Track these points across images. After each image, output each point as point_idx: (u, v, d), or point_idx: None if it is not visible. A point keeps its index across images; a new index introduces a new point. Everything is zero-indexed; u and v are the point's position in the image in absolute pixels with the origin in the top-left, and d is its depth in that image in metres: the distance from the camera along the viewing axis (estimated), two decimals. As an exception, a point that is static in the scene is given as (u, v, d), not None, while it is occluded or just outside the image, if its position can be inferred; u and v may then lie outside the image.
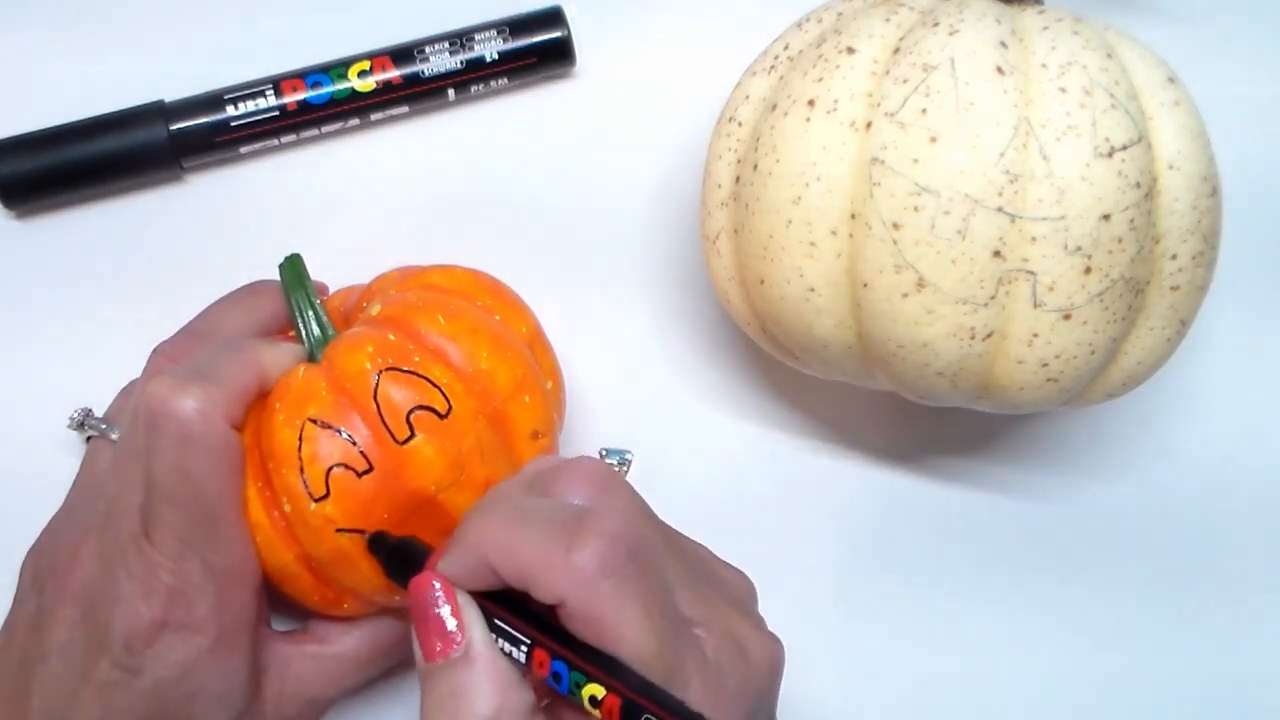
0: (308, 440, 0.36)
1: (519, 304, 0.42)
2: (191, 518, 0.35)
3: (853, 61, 0.37)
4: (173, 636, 0.35)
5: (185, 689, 0.35)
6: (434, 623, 0.32)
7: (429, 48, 0.47)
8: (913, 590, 0.47)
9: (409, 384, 0.36)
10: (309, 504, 0.36)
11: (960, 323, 0.36)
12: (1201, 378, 0.49)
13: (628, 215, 0.49)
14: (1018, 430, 0.48)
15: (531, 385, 0.39)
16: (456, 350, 0.38)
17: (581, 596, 0.30)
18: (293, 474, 0.36)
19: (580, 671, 0.31)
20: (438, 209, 0.48)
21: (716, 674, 0.32)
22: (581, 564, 0.30)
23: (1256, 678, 0.47)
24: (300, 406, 0.36)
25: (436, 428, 0.36)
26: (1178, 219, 0.37)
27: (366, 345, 0.37)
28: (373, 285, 0.42)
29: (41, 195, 0.46)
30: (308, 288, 0.40)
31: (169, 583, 0.34)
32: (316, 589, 0.38)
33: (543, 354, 0.41)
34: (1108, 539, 0.48)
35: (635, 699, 0.30)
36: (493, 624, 0.32)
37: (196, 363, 0.37)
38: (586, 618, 0.30)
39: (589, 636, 0.31)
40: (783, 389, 0.48)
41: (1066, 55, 0.36)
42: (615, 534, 0.31)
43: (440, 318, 0.38)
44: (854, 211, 0.37)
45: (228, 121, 0.46)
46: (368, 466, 0.36)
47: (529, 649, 0.32)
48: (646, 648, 0.30)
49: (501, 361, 0.38)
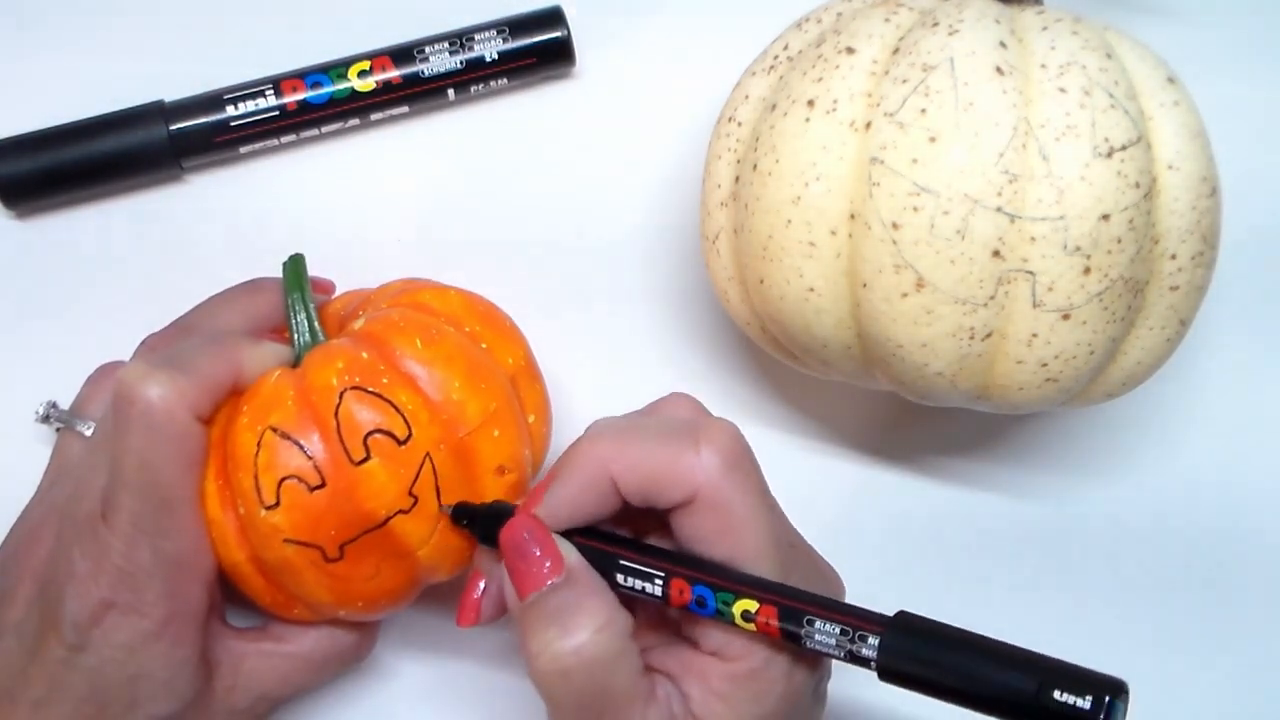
0: (265, 447, 0.36)
1: (511, 332, 0.41)
2: (146, 503, 0.35)
3: (852, 61, 0.37)
4: (119, 618, 0.35)
5: (128, 671, 0.35)
6: (531, 559, 0.34)
7: (429, 48, 0.47)
8: (912, 590, 0.47)
9: (372, 405, 0.36)
10: (259, 510, 0.36)
11: (959, 323, 0.36)
12: (1201, 378, 0.49)
13: (627, 215, 0.49)
14: (1018, 430, 0.48)
15: (504, 419, 0.38)
16: (429, 377, 0.37)
17: (714, 486, 0.33)
18: (248, 478, 0.36)
19: (727, 591, 0.33)
20: (437, 209, 0.48)
21: (811, 585, 0.35)
22: (710, 458, 0.34)
23: (1259, 676, 0.47)
24: (265, 412, 0.36)
25: (393, 453, 0.36)
26: (1177, 219, 0.37)
27: (337, 360, 0.37)
28: (372, 294, 0.42)
29: (41, 195, 0.46)
30: (304, 290, 0.40)
31: (118, 565, 0.35)
32: (268, 591, 0.38)
33: (529, 386, 0.41)
34: (1108, 539, 0.48)
35: (792, 604, 0.32)
36: (620, 567, 0.35)
37: (172, 353, 0.37)
38: (717, 505, 0.34)
39: (714, 529, 0.34)
40: (783, 389, 0.48)
41: (1066, 55, 0.36)
42: (734, 437, 0.35)
43: (418, 341, 0.38)
44: (853, 211, 0.37)
45: (228, 121, 0.46)
46: (320, 482, 0.36)
47: (664, 581, 0.34)
48: (768, 539, 0.34)
49: (474, 393, 0.38)
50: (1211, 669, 0.47)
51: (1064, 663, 0.29)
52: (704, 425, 0.35)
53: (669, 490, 0.34)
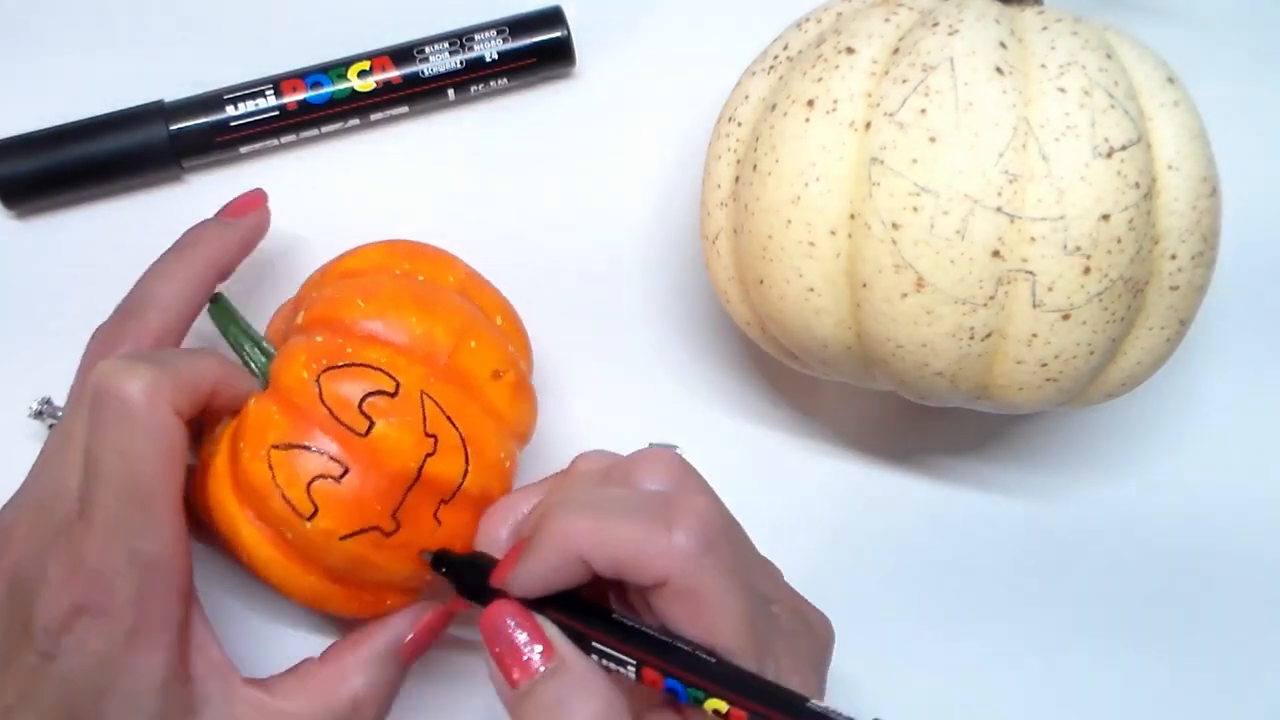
0: (278, 466, 0.36)
1: (440, 256, 0.42)
2: (124, 500, 0.34)
3: (852, 62, 0.37)
4: (90, 622, 0.34)
5: (99, 683, 0.34)
6: (517, 647, 0.33)
7: (429, 48, 0.47)
8: (912, 590, 0.47)
9: (350, 376, 0.37)
10: (304, 524, 0.36)
11: (959, 323, 0.36)
12: (1201, 378, 0.49)
13: (627, 215, 0.49)
14: (1018, 430, 0.48)
15: (474, 329, 0.39)
16: (385, 326, 0.38)
17: (684, 572, 0.32)
18: (278, 501, 0.36)
19: (697, 688, 0.32)
20: (437, 209, 0.48)
21: (794, 645, 0.34)
22: (682, 541, 0.32)
23: (1259, 674, 0.47)
24: (261, 437, 0.36)
25: (392, 408, 0.36)
26: (1177, 219, 0.37)
27: (299, 355, 0.37)
28: (299, 293, 0.42)
29: (41, 195, 0.46)
30: (239, 322, 0.40)
31: (91, 566, 0.34)
32: (352, 597, 0.38)
33: (480, 293, 0.41)
34: (1108, 539, 0.48)
35: (761, 710, 0.31)
36: (592, 648, 0.33)
37: (149, 352, 0.37)
38: (689, 593, 0.32)
39: (687, 613, 0.32)
40: (783, 389, 0.48)
41: (1066, 55, 0.36)
42: (709, 513, 0.33)
43: (360, 301, 0.38)
44: (853, 211, 0.37)
45: (228, 121, 0.46)
46: (343, 469, 0.36)
47: (637, 668, 0.33)
48: (744, 620, 0.32)
49: (434, 320, 0.38)
50: (1212, 668, 0.47)
51: None
52: (677, 503, 0.33)
53: (640, 574, 0.32)
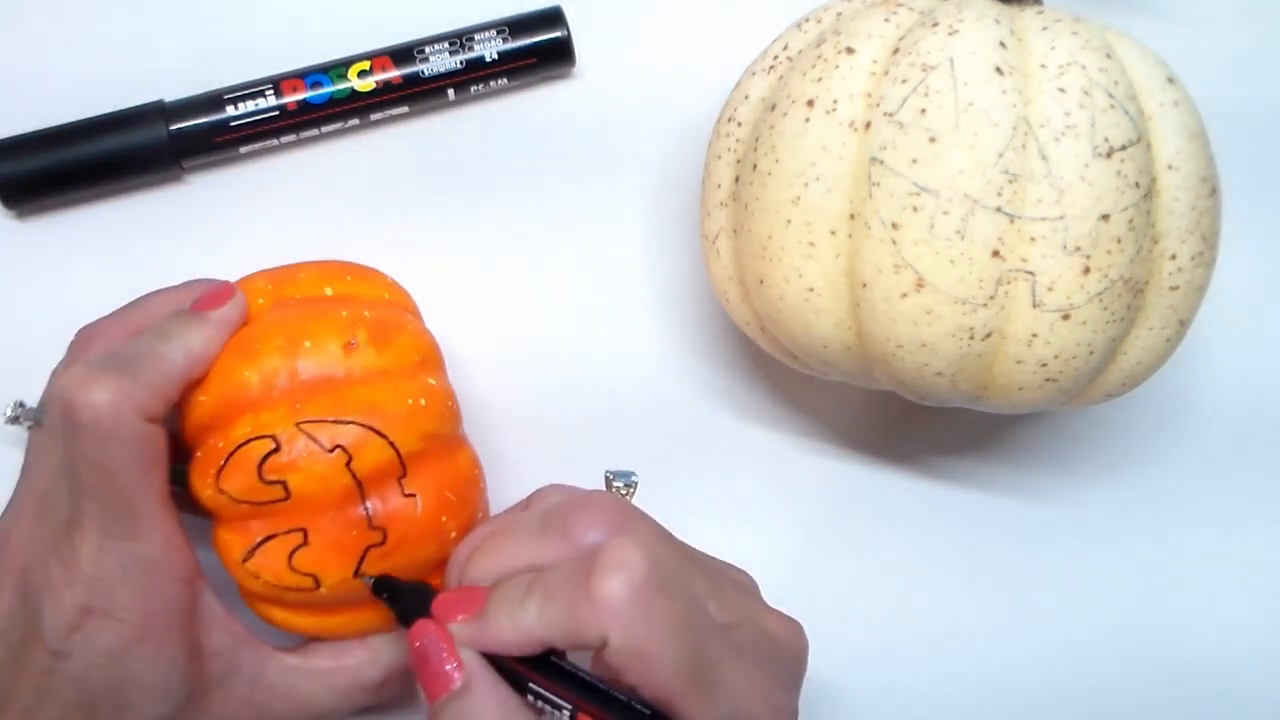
0: (259, 571, 0.37)
1: (265, 275, 0.41)
2: (108, 509, 0.35)
3: (852, 62, 0.37)
4: (98, 623, 0.34)
5: (114, 677, 0.35)
6: (433, 663, 0.34)
7: (429, 48, 0.47)
8: (912, 590, 0.47)
9: (236, 465, 0.36)
10: (320, 591, 0.37)
11: (959, 323, 0.36)
12: (1201, 378, 0.49)
13: (627, 215, 0.49)
14: (1018, 430, 0.48)
15: (302, 329, 0.38)
16: (227, 398, 0.37)
17: (617, 629, 0.31)
18: (289, 594, 0.37)
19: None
20: (437, 209, 0.48)
21: (757, 666, 0.34)
22: (609, 599, 0.31)
23: (1257, 677, 0.47)
24: (233, 560, 0.37)
25: (287, 457, 0.36)
26: (1177, 219, 0.37)
27: (199, 479, 0.37)
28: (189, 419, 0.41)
29: (41, 195, 0.46)
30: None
31: (90, 571, 0.34)
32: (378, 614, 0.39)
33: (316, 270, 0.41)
34: (1107, 539, 0.48)
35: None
36: (530, 690, 0.34)
37: (117, 353, 0.36)
38: (630, 650, 0.31)
39: (625, 661, 0.32)
40: (783, 389, 0.48)
41: (1066, 55, 0.36)
42: (636, 562, 0.32)
43: (201, 397, 0.37)
44: (853, 211, 0.37)
45: (228, 121, 0.46)
46: (301, 530, 0.37)
47: (571, 713, 0.33)
48: (681, 662, 0.32)
49: (257, 356, 0.37)
50: (1212, 668, 0.47)
51: None
52: (605, 560, 0.32)
53: (580, 645, 0.33)
